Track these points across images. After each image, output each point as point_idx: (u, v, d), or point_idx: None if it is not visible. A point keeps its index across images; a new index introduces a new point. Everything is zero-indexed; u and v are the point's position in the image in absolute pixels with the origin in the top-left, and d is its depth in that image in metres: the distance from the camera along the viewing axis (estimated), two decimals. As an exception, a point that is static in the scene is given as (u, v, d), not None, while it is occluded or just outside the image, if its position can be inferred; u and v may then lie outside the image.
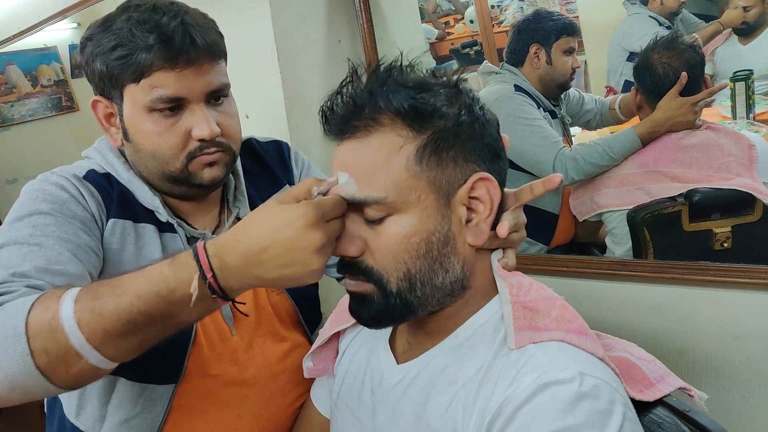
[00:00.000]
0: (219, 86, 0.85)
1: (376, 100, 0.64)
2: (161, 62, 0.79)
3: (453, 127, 0.64)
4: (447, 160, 0.64)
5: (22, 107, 2.97)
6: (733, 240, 1.24)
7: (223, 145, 0.87)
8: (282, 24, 1.46)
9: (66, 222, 0.80)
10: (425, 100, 0.64)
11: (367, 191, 0.64)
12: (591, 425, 0.56)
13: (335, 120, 0.66)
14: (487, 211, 0.66)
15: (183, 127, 0.84)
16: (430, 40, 1.91)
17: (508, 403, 0.60)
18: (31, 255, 0.74)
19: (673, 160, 1.31)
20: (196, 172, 0.86)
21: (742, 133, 1.29)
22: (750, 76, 1.31)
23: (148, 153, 0.85)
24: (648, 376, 0.73)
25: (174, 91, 0.81)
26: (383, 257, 0.65)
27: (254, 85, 1.52)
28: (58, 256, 0.75)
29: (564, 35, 1.52)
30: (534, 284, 0.70)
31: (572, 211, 1.49)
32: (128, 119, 0.85)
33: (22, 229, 0.77)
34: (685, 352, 1.22)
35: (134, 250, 0.87)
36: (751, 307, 1.14)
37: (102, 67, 0.82)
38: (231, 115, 0.89)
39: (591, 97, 1.63)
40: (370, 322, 0.70)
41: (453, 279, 0.67)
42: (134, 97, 0.83)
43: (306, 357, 0.90)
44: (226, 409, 0.92)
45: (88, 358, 0.62)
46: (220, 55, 0.86)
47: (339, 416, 0.83)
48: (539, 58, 1.53)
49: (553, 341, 0.64)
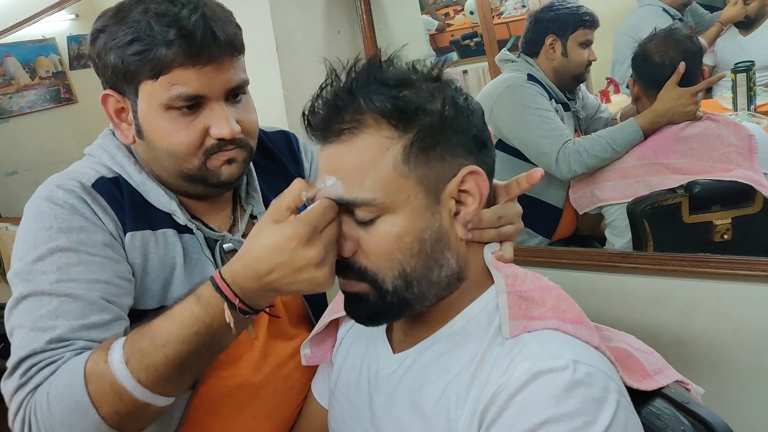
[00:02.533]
0: (239, 83, 0.82)
1: (358, 101, 0.63)
2: (182, 59, 0.75)
3: (438, 122, 0.64)
4: (434, 158, 0.64)
5: (20, 99, 2.96)
6: (733, 232, 1.24)
7: (241, 142, 0.83)
8: (280, 14, 1.45)
9: (90, 258, 0.77)
10: (408, 99, 0.63)
11: (355, 192, 0.63)
12: (584, 413, 0.56)
13: (318, 123, 0.66)
14: (476, 204, 0.66)
15: (201, 124, 0.80)
16: (430, 31, 1.90)
17: (501, 391, 0.60)
18: (62, 310, 0.73)
19: (673, 151, 1.31)
20: (213, 169, 0.83)
21: (741, 124, 1.28)
22: (751, 67, 1.31)
23: (164, 151, 0.81)
24: (646, 368, 0.73)
25: (194, 89, 0.77)
26: (377, 257, 0.65)
27: (252, 76, 1.50)
28: (90, 307, 0.74)
29: (581, 27, 1.49)
30: (529, 274, 0.70)
31: (572, 204, 1.49)
32: (143, 116, 0.81)
33: (46, 273, 0.74)
34: (684, 343, 1.22)
35: (157, 259, 0.84)
36: (751, 299, 1.14)
37: (117, 61, 0.78)
38: (249, 111, 0.86)
39: (606, 108, 1.63)
40: (367, 320, 0.70)
41: (448, 273, 0.67)
42: (151, 94, 0.79)
43: (304, 344, 0.90)
44: (240, 410, 0.92)
45: (156, 403, 0.68)
46: (240, 49, 0.82)
47: (336, 405, 0.84)
48: (555, 50, 1.51)
49: (548, 330, 0.64)
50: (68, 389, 0.67)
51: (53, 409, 0.67)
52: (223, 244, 0.89)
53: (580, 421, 0.56)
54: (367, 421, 0.76)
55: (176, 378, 0.68)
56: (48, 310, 0.72)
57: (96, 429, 0.66)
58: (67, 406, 0.66)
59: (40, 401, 0.68)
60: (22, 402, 0.69)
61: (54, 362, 0.70)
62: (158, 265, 0.84)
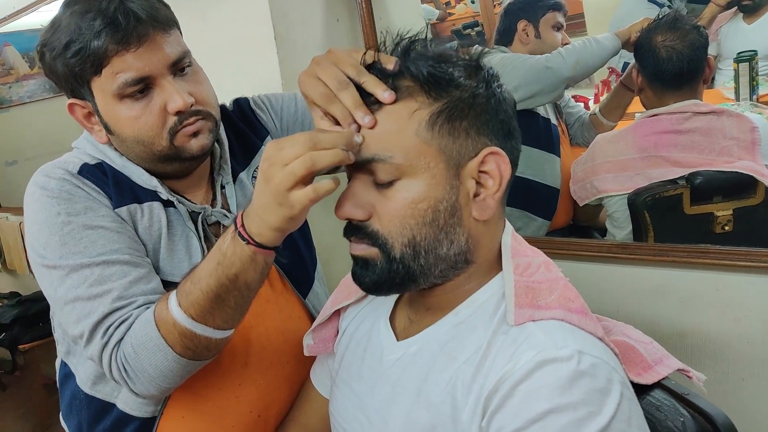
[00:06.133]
0: (179, 55, 0.85)
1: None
2: (114, 46, 0.80)
3: (468, 98, 0.65)
4: (459, 130, 0.65)
5: (20, 89, 2.95)
6: (734, 223, 1.24)
7: (201, 112, 0.87)
8: (279, 3, 1.44)
9: (105, 231, 0.84)
10: (443, 69, 0.65)
11: (375, 150, 0.64)
12: (588, 403, 0.56)
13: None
14: (496, 186, 0.66)
15: (157, 105, 0.84)
16: (431, 20, 1.89)
17: (506, 379, 0.60)
18: (106, 275, 0.81)
19: (674, 144, 1.30)
20: (183, 145, 0.87)
21: (744, 115, 1.27)
22: (754, 56, 1.30)
23: (132, 139, 0.86)
24: (646, 359, 0.73)
25: (136, 71, 0.81)
26: (390, 221, 0.65)
27: (251, 65, 1.51)
28: (126, 266, 0.83)
29: (551, 10, 1.55)
30: (542, 266, 0.70)
31: (572, 195, 1.48)
32: (104, 112, 0.86)
33: (76, 253, 0.82)
34: (684, 335, 1.22)
35: (143, 230, 0.89)
36: (752, 290, 1.13)
37: (63, 68, 0.83)
38: (200, 81, 0.89)
39: (576, 104, 1.66)
40: (372, 287, 0.70)
41: (457, 251, 0.67)
42: (102, 89, 0.83)
43: (306, 334, 0.91)
44: (228, 376, 0.95)
45: (212, 336, 0.77)
46: (170, 24, 0.86)
47: (338, 393, 0.84)
48: (528, 34, 1.56)
49: (553, 320, 0.64)
50: (146, 337, 0.77)
51: (140, 355, 0.78)
52: (205, 216, 0.94)
53: (584, 412, 0.56)
54: (371, 408, 0.76)
55: (218, 310, 0.75)
56: (94, 279, 0.81)
57: (177, 363, 0.78)
58: (150, 350, 0.77)
59: (127, 351, 0.79)
60: (111, 356, 0.80)
61: (126, 320, 0.80)
62: (147, 236, 0.89)
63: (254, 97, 1.11)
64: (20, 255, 3.11)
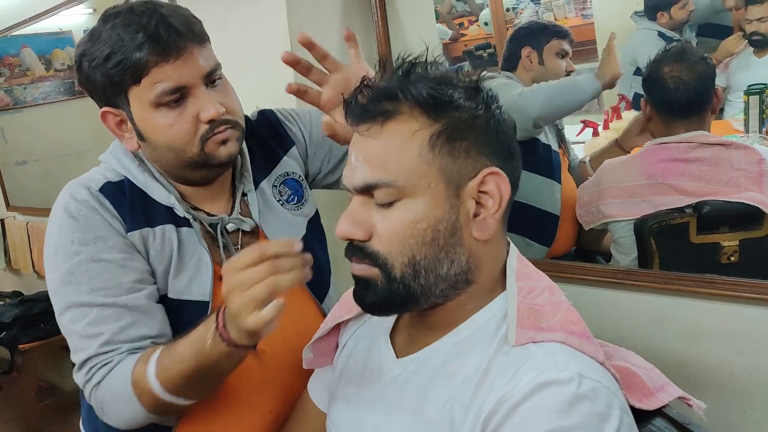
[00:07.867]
0: (212, 67, 0.90)
1: (396, 88, 0.66)
2: (155, 57, 0.84)
3: (468, 119, 0.66)
4: (459, 150, 0.65)
5: (35, 90, 2.98)
6: (741, 254, 1.24)
7: (230, 121, 0.92)
8: (297, 19, 1.46)
9: (110, 265, 0.90)
10: (443, 91, 0.66)
11: (378, 175, 0.65)
12: (587, 427, 0.56)
13: (356, 107, 0.68)
14: (496, 206, 0.67)
15: (190, 113, 0.88)
16: (443, 40, 1.90)
17: (505, 400, 0.60)
18: (101, 318, 0.88)
19: (682, 173, 1.30)
20: (212, 152, 0.91)
21: (753, 147, 1.27)
22: (765, 90, 1.30)
23: (165, 146, 0.91)
24: (647, 385, 0.73)
25: (174, 81, 0.86)
26: (390, 241, 0.66)
27: (267, 76, 1.52)
28: (122, 310, 0.89)
29: (555, 38, 1.56)
30: (546, 290, 0.70)
31: (578, 219, 1.48)
32: (139, 120, 0.90)
33: (80, 284, 0.89)
34: (687, 364, 1.21)
35: (155, 253, 0.93)
36: (756, 322, 1.13)
37: (102, 78, 0.87)
38: (229, 92, 0.95)
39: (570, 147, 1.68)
40: (373, 307, 0.70)
41: (458, 270, 0.67)
42: (140, 98, 0.87)
43: (306, 348, 0.91)
44: (245, 376, 0.96)
45: (181, 403, 0.85)
46: (205, 38, 0.91)
47: (336, 409, 0.83)
48: (531, 60, 1.58)
49: (554, 342, 0.63)
50: (122, 391, 0.85)
51: (115, 403, 0.87)
52: (224, 225, 0.97)
53: None
54: (368, 425, 0.75)
55: (191, 388, 0.83)
56: (91, 319, 0.88)
57: (143, 414, 0.86)
58: (124, 401, 0.86)
59: (104, 394, 0.87)
60: (92, 392, 0.89)
61: (107, 364, 0.87)
62: (158, 258, 0.93)
63: (280, 109, 1.14)
64: (26, 254, 3.11)
